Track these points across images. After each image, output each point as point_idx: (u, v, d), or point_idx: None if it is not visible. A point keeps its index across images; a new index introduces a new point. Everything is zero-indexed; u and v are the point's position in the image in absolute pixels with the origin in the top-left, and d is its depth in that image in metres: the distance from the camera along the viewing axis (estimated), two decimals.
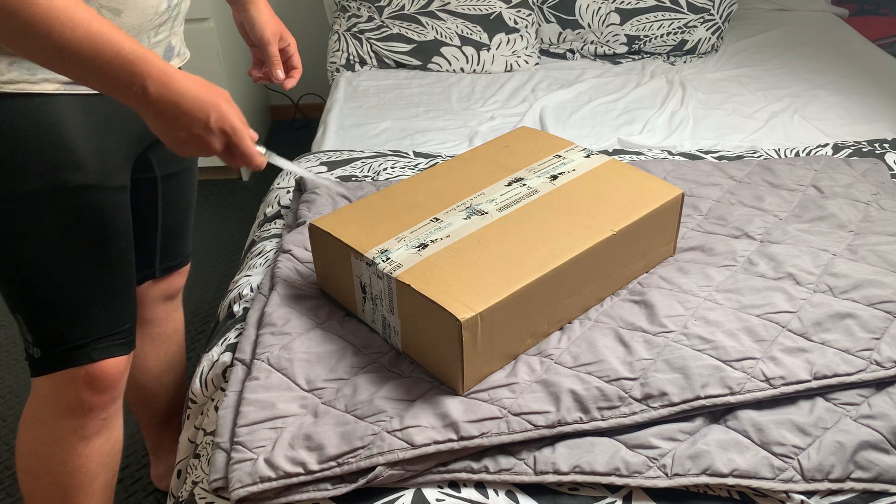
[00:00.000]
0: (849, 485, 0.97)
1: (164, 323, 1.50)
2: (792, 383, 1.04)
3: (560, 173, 1.27)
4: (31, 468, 1.24)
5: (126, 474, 1.75)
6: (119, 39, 0.87)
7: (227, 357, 1.18)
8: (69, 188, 1.05)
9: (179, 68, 1.10)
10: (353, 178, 1.63)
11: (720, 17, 2.34)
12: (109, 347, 1.15)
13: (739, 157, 1.68)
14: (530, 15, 2.30)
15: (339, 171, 1.67)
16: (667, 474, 0.96)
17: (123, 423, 1.31)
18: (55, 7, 0.84)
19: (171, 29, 1.13)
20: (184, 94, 0.91)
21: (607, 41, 2.35)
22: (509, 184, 1.25)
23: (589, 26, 2.34)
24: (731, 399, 1.03)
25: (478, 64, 2.30)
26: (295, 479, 0.95)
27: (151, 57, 0.90)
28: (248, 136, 0.98)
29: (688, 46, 2.36)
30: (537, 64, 2.35)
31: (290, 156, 2.24)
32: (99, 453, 1.24)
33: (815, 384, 1.05)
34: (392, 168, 1.67)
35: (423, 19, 2.27)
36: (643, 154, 1.71)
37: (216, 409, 1.14)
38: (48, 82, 1.01)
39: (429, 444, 0.97)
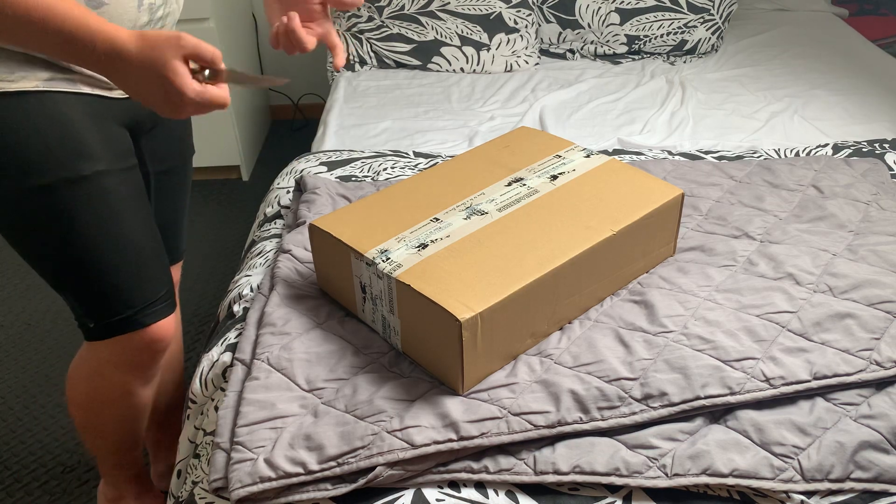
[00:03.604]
0: (849, 485, 0.97)
1: None
2: (792, 383, 1.05)
3: (560, 173, 1.27)
4: (90, 409, 1.35)
5: None
6: (64, 12, 0.90)
7: (227, 357, 1.18)
8: (85, 177, 1.09)
9: None
10: (353, 178, 1.63)
11: (720, 17, 2.34)
12: (157, 311, 1.22)
13: (739, 157, 1.68)
14: (530, 15, 2.30)
15: (339, 171, 1.67)
16: (667, 474, 0.96)
17: None
18: None
19: None
20: (134, 72, 0.93)
21: (607, 41, 2.35)
22: (509, 184, 1.25)
23: (589, 26, 2.34)
24: (731, 399, 1.03)
25: (478, 64, 2.30)
26: (295, 479, 0.95)
27: (97, 28, 0.91)
28: (202, 93, 0.94)
29: (688, 46, 2.36)
30: (537, 64, 2.35)
31: (290, 156, 2.25)
32: (153, 387, 1.37)
33: (815, 384, 1.05)
34: (392, 168, 1.67)
35: (423, 19, 2.27)
36: (643, 154, 1.71)
37: (216, 409, 1.14)
38: (26, 80, 1.03)
39: (429, 444, 0.97)
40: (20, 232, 1.12)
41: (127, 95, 1.13)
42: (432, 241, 1.12)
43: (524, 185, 1.25)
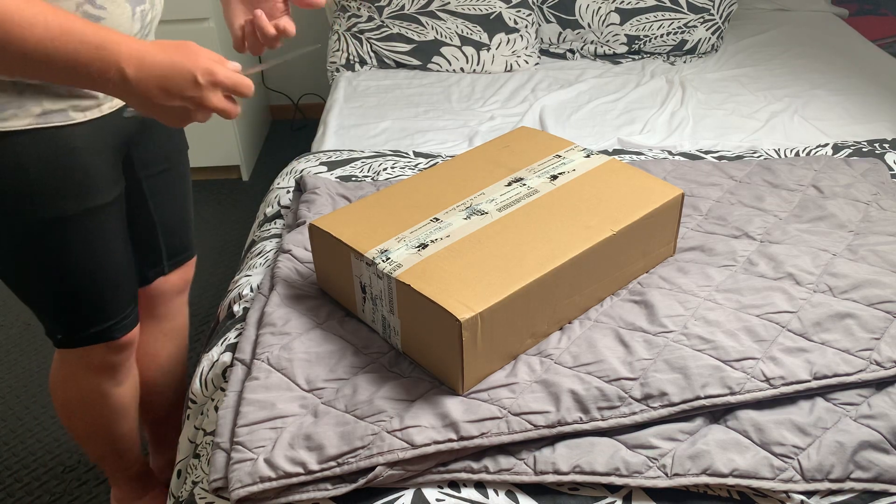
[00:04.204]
0: (849, 485, 0.97)
1: (176, 317, 1.53)
2: (792, 383, 1.05)
3: (560, 173, 1.27)
4: (73, 413, 1.38)
5: None
6: (80, 28, 0.84)
7: (227, 357, 1.18)
8: (75, 215, 1.11)
9: None
10: (353, 178, 1.63)
11: (720, 17, 2.34)
12: (125, 326, 1.27)
13: (739, 157, 1.68)
14: (530, 15, 2.30)
15: (339, 171, 1.67)
16: (667, 474, 0.96)
17: None
18: (7, 11, 0.80)
19: None
20: (161, 64, 0.87)
21: (607, 41, 2.35)
22: (509, 184, 1.25)
23: (589, 26, 2.34)
24: (731, 399, 1.03)
25: (478, 64, 2.30)
26: (295, 479, 0.95)
27: (118, 38, 0.86)
28: (233, 72, 0.93)
29: (688, 46, 2.36)
30: (537, 64, 2.35)
31: (290, 156, 2.25)
32: (130, 386, 1.39)
33: (815, 384, 1.05)
34: (392, 168, 1.67)
35: (423, 19, 2.27)
36: (643, 154, 1.71)
37: (216, 409, 1.14)
38: (17, 118, 1.01)
39: (429, 444, 0.97)
40: (4, 260, 1.13)
41: (119, 105, 1.12)
42: (432, 241, 1.12)
43: (524, 185, 1.25)
